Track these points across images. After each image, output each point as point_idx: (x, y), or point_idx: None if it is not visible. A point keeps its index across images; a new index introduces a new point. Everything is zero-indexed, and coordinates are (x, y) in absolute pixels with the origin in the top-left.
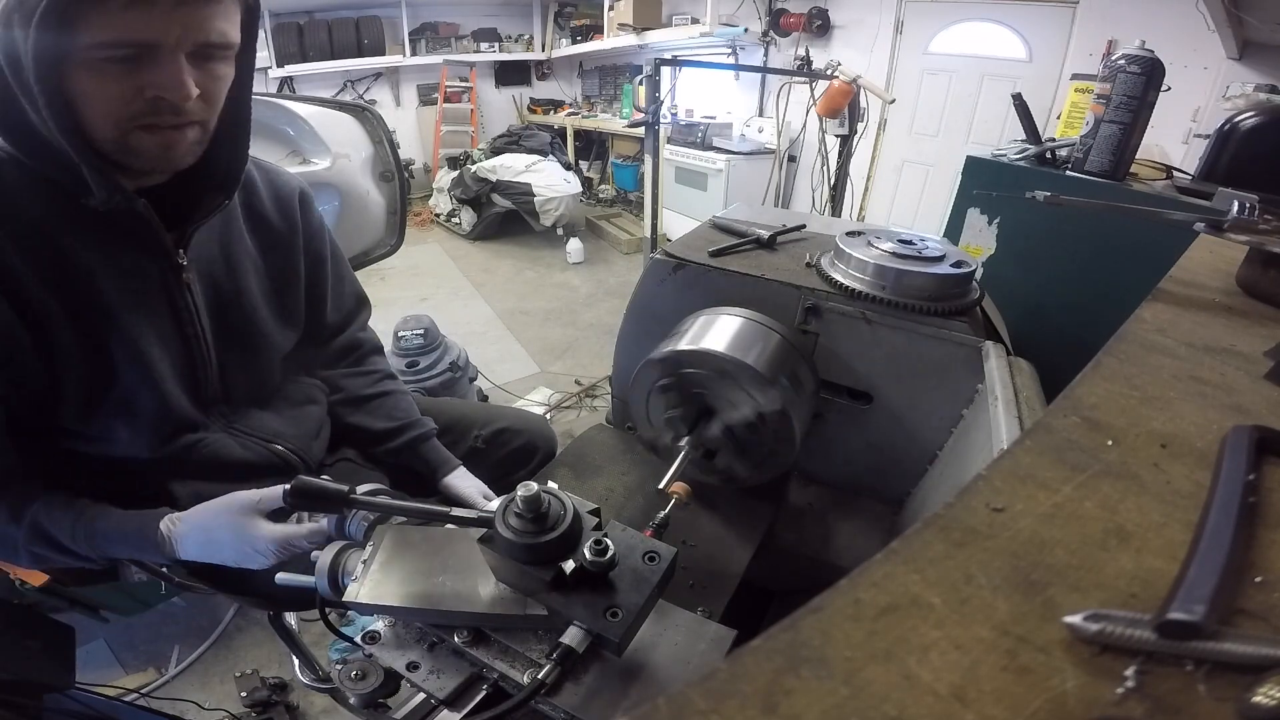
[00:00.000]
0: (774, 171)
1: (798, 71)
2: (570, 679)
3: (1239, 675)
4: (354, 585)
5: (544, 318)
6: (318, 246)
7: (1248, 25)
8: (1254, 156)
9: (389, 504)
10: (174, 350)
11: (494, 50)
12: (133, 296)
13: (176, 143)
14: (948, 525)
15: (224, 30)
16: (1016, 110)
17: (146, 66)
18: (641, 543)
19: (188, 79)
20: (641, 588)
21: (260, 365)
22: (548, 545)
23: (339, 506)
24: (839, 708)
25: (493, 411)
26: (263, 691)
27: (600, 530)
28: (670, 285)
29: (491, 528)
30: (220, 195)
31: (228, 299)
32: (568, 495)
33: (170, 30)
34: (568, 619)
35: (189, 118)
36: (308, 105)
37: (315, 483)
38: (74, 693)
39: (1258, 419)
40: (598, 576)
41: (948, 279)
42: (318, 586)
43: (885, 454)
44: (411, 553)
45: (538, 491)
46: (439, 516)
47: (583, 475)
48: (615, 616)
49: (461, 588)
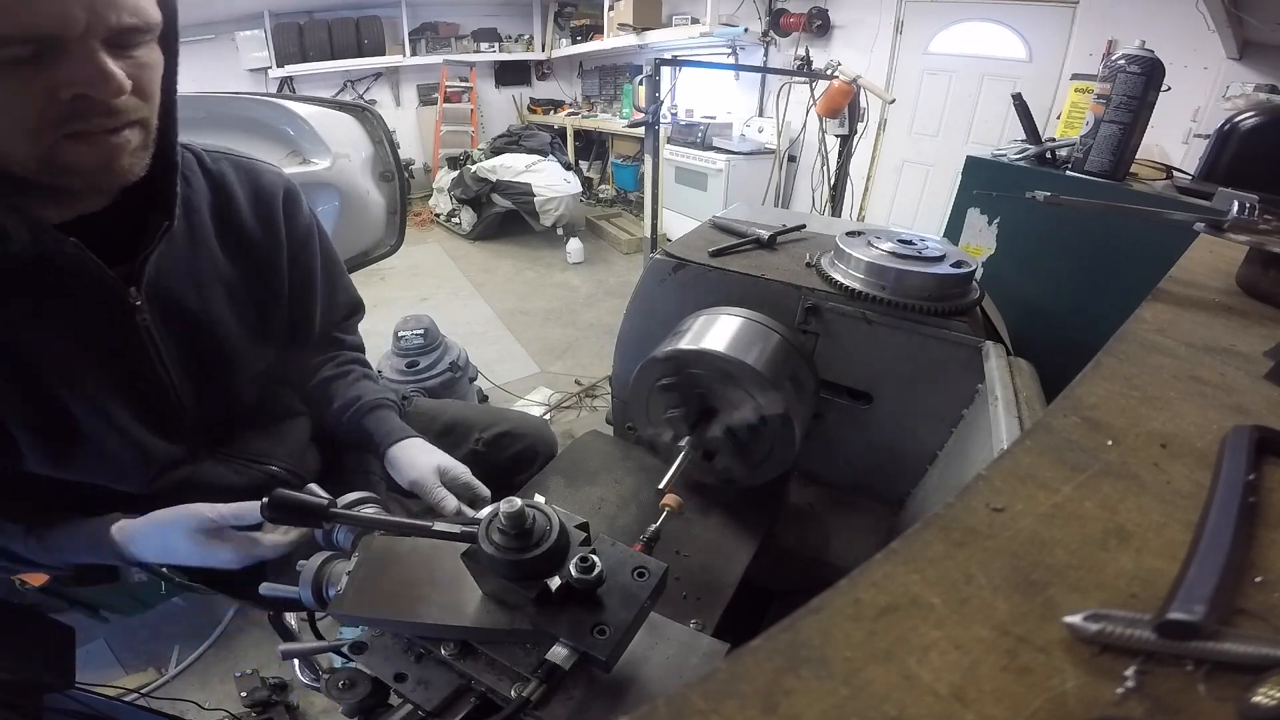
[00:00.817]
0: (774, 171)
1: (798, 71)
2: (559, 693)
3: (1239, 675)
4: (338, 596)
5: (544, 318)
6: (306, 259)
7: (1248, 25)
8: (1254, 156)
9: (370, 518)
10: (135, 396)
11: (494, 50)
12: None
13: (117, 151)
14: (948, 525)
15: (139, 7)
16: (1016, 110)
17: (55, 63)
18: (631, 558)
19: (113, 68)
20: (630, 605)
21: (236, 389)
22: (532, 562)
23: (318, 520)
24: (839, 708)
25: (495, 414)
26: (263, 691)
27: (588, 545)
28: (670, 285)
29: (475, 543)
30: (161, 216)
31: (194, 327)
32: (554, 509)
33: (73, 15)
34: (554, 636)
35: (125, 117)
36: (308, 105)
37: (294, 496)
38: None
39: (1258, 419)
40: (585, 593)
41: (948, 279)
42: (302, 597)
43: (885, 454)
44: (398, 564)
45: (521, 507)
46: (420, 531)
47: (576, 483)
48: (603, 634)
49: (448, 600)
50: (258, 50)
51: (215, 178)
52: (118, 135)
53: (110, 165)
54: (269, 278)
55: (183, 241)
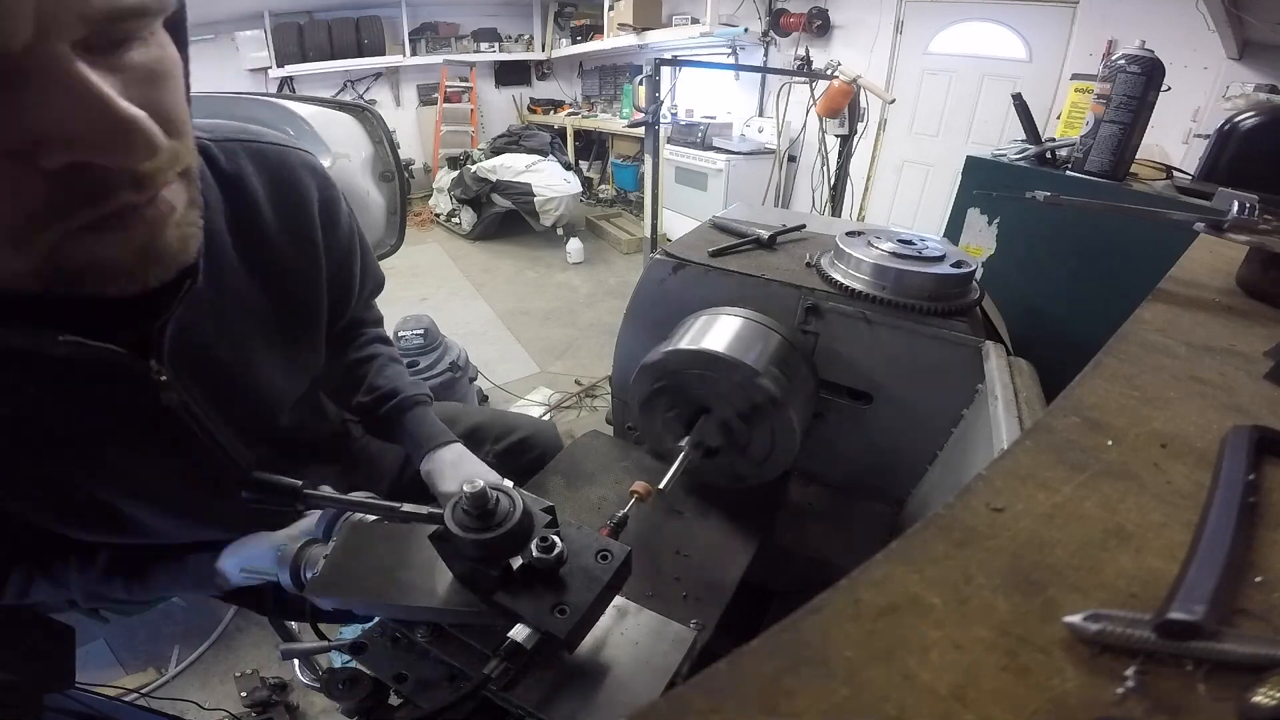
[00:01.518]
0: (774, 171)
1: (798, 71)
2: (528, 676)
3: (1239, 675)
4: (314, 578)
5: (544, 318)
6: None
7: (1248, 25)
8: (1254, 156)
9: (341, 499)
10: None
11: (494, 50)
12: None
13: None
14: (948, 525)
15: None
16: (1016, 110)
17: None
18: (595, 541)
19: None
20: (592, 586)
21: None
22: (495, 542)
23: (292, 501)
24: (839, 708)
25: (509, 421)
26: (263, 691)
27: (554, 529)
28: (670, 285)
29: (442, 524)
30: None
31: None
32: (520, 492)
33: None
34: (517, 615)
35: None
36: (307, 105)
37: (269, 478)
38: (74, 693)
39: (1258, 419)
40: (547, 574)
41: (948, 279)
42: (279, 579)
43: (885, 454)
44: (374, 548)
45: (484, 488)
46: (388, 512)
47: (575, 483)
48: (563, 614)
49: (420, 583)
50: (258, 50)
51: (231, 180)
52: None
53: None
54: (307, 302)
55: (204, 283)
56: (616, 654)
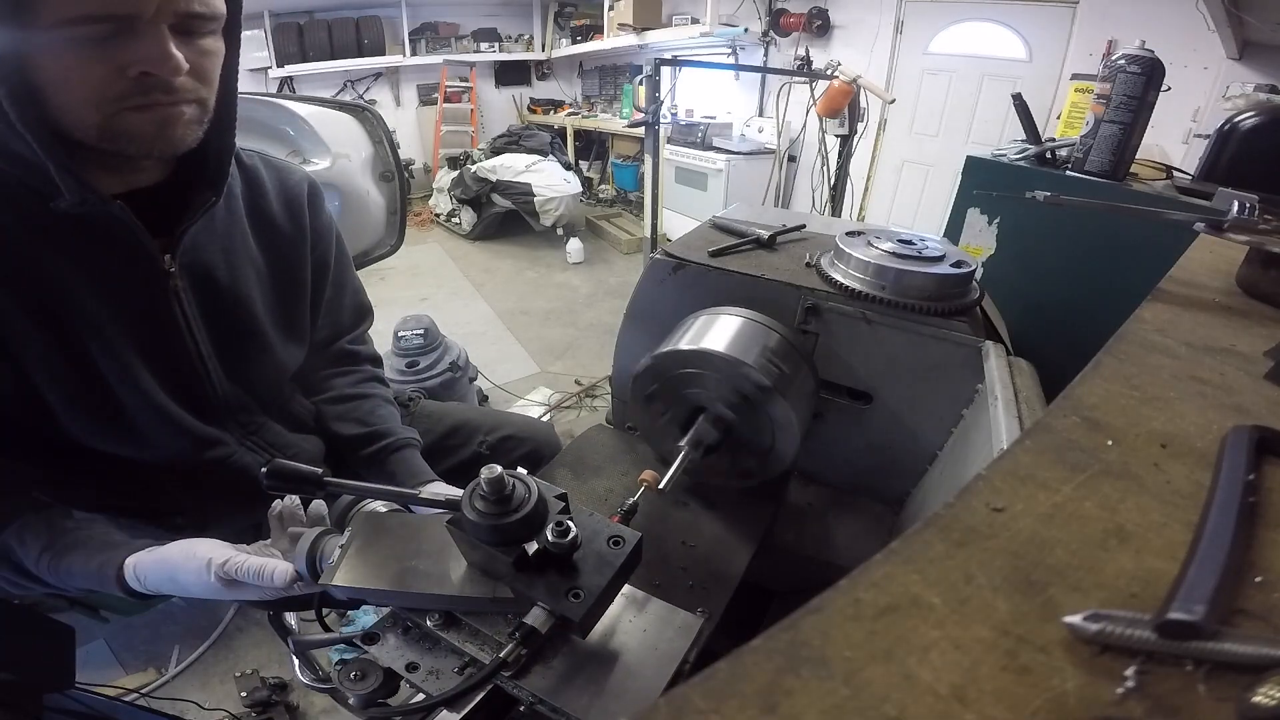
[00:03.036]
0: (774, 171)
1: (798, 71)
2: (539, 663)
3: (1239, 675)
4: (330, 567)
5: (544, 318)
6: (323, 250)
7: (1248, 25)
8: (1254, 156)
9: (360, 486)
10: (163, 364)
11: (494, 50)
12: (112, 308)
13: (173, 120)
14: (948, 525)
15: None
16: (1016, 110)
17: (125, 42)
18: (607, 527)
19: (174, 50)
20: (605, 570)
21: (267, 380)
22: (511, 526)
23: (312, 489)
24: (839, 708)
25: (499, 417)
26: (263, 691)
27: (567, 515)
28: (670, 285)
29: (459, 510)
30: (209, 193)
31: (223, 301)
32: (533, 479)
33: None
34: (531, 600)
35: (182, 95)
36: (307, 105)
37: (290, 465)
38: (74, 693)
39: (1258, 419)
40: (561, 559)
41: (948, 279)
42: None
43: (885, 454)
44: (387, 538)
45: (501, 473)
46: (408, 498)
47: (582, 475)
48: (578, 598)
49: (433, 571)
50: (258, 50)
51: (250, 171)
52: (175, 108)
53: (164, 133)
54: (295, 270)
55: (220, 221)
56: (625, 640)
